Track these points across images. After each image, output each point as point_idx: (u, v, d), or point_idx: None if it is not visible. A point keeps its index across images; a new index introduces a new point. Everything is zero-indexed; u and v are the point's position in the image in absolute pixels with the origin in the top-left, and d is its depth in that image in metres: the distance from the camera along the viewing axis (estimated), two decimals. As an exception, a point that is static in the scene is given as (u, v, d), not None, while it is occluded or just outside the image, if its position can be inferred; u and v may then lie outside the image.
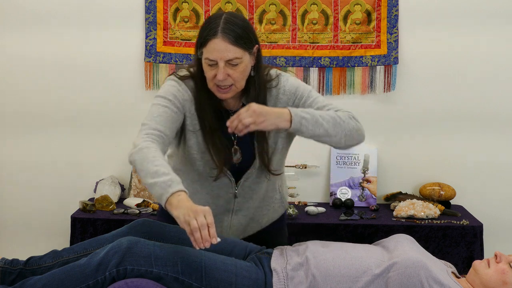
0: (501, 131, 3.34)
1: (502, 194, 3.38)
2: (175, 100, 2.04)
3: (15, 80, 3.37)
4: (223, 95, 2.02)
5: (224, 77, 1.96)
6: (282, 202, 2.29)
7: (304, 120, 1.92)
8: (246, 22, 2.01)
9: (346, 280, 1.89)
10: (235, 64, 1.96)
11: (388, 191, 3.38)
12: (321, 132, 1.95)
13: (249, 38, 1.98)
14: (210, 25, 1.96)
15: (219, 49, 1.93)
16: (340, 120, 1.98)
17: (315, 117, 1.94)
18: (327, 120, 1.95)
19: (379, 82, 3.31)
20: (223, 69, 1.95)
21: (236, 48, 1.94)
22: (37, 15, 3.30)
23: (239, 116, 1.87)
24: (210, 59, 1.95)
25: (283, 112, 1.91)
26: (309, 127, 1.93)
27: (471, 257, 2.94)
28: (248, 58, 1.99)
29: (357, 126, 2.02)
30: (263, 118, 1.87)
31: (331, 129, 1.95)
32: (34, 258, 2.09)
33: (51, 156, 3.40)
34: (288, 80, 2.12)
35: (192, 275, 1.88)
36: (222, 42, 1.93)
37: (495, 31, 3.26)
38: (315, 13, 3.27)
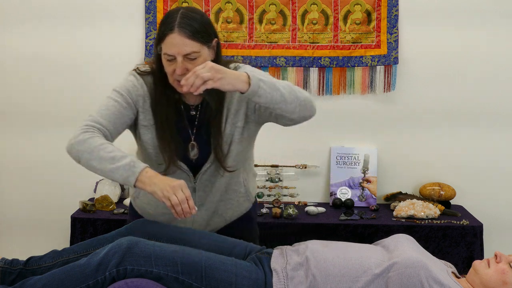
0: (502, 131, 3.34)
1: (502, 194, 3.38)
2: (127, 95, 2.07)
3: (16, 79, 3.37)
4: (183, 89, 2.00)
5: (183, 71, 1.96)
6: (247, 195, 2.28)
7: (262, 82, 1.88)
8: (203, 16, 2.03)
9: (346, 280, 1.89)
10: (193, 58, 1.96)
11: (388, 191, 3.38)
12: (278, 96, 1.90)
13: (207, 32, 1.99)
14: (167, 20, 1.97)
15: (177, 44, 1.94)
16: (296, 88, 1.96)
17: (272, 81, 1.91)
18: (283, 86, 1.93)
19: (379, 82, 3.31)
20: (182, 63, 1.96)
21: (193, 42, 1.95)
22: (37, 14, 3.30)
23: (196, 72, 1.83)
24: (168, 54, 1.97)
25: (241, 74, 1.88)
26: (267, 89, 1.88)
27: (471, 257, 2.94)
28: (206, 52, 2.00)
29: (310, 98, 2.00)
30: (221, 75, 1.83)
31: (287, 94, 1.92)
32: (34, 258, 2.10)
33: (51, 156, 3.40)
34: (245, 69, 2.08)
35: (192, 275, 1.88)
36: (179, 36, 1.94)
37: (495, 31, 3.26)
38: (315, 13, 3.27)
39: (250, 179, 2.31)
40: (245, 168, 2.26)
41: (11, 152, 3.43)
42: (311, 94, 3.31)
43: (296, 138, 3.38)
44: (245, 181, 2.27)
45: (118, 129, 2.05)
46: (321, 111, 3.31)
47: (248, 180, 2.29)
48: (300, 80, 3.32)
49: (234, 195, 2.24)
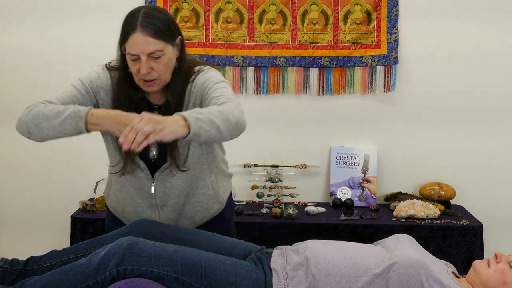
0: (502, 131, 3.34)
1: (502, 194, 3.38)
2: (88, 84, 2.08)
3: (16, 77, 3.37)
4: (149, 88, 2.03)
5: (148, 70, 1.96)
6: (217, 197, 2.25)
7: (200, 122, 1.79)
8: (166, 14, 2.02)
9: (346, 280, 1.89)
10: (157, 57, 1.96)
11: (388, 191, 3.38)
12: (214, 131, 1.81)
13: (170, 30, 1.99)
14: (129, 20, 1.97)
15: (140, 43, 1.94)
16: (227, 113, 1.86)
17: (207, 116, 1.81)
18: (217, 117, 1.83)
19: (379, 82, 3.31)
20: (146, 62, 1.96)
21: (157, 41, 1.95)
22: (36, 13, 3.30)
23: (135, 127, 1.70)
24: (132, 54, 1.97)
25: (176, 118, 1.78)
26: (206, 128, 1.79)
27: (471, 257, 2.94)
28: (171, 50, 2.00)
29: (240, 116, 1.90)
30: (161, 125, 1.72)
31: (222, 125, 1.83)
32: (34, 258, 2.10)
33: (51, 156, 3.40)
34: (205, 74, 2.09)
35: (192, 275, 1.88)
36: (142, 35, 1.93)
37: (495, 30, 3.26)
38: (315, 13, 3.27)
39: (220, 181, 2.27)
40: (211, 170, 2.22)
41: (11, 152, 3.43)
42: (311, 95, 3.32)
43: (296, 138, 3.38)
44: (214, 183, 2.23)
45: None
46: (321, 111, 3.36)
47: (217, 182, 2.25)
48: (300, 80, 3.32)
49: (202, 197, 2.22)
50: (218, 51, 3.29)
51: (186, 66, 2.10)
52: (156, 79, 2.00)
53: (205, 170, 2.19)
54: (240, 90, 3.33)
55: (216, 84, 2.05)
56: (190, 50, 3.27)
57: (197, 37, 3.28)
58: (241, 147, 3.39)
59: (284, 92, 3.34)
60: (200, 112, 1.83)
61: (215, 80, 2.07)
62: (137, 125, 1.70)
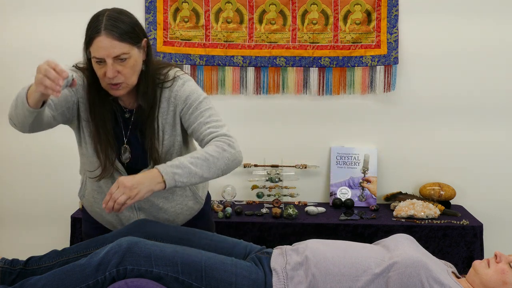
0: (502, 132, 3.34)
1: (502, 194, 3.38)
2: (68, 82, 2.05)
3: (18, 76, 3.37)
4: (116, 92, 2.01)
5: (114, 74, 1.95)
6: (195, 197, 2.26)
7: (177, 175, 1.89)
8: (130, 16, 2.01)
9: (346, 279, 1.89)
10: (123, 59, 1.95)
11: (388, 191, 3.38)
12: (197, 180, 1.93)
13: (135, 33, 1.97)
14: (93, 24, 1.95)
15: (105, 46, 1.92)
16: (214, 159, 1.95)
17: (186, 168, 1.90)
18: (200, 165, 1.92)
19: (379, 82, 3.31)
20: (112, 66, 1.94)
21: (122, 44, 1.93)
22: (37, 13, 3.30)
23: (112, 196, 1.85)
24: (97, 58, 1.95)
25: (154, 174, 1.88)
26: (184, 180, 1.91)
27: (471, 257, 2.94)
28: (136, 53, 1.98)
29: (233, 155, 1.99)
30: (136, 191, 1.85)
31: (207, 173, 1.94)
32: (34, 258, 2.10)
33: (51, 156, 3.40)
34: (184, 85, 2.08)
35: (192, 275, 1.88)
36: (106, 39, 1.92)
37: (495, 30, 3.26)
38: (315, 13, 3.27)
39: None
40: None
41: (11, 152, 3.43)
42: (311, 95, 3.32)
43: (296, 138, 3.38)
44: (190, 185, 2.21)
45: (62, 108, 2.03)
46: (321, 111, 3.36)
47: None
48: (300, 80, 3.32)
49: (181, 199, 2.23)
50: (218, 51, 3.29)
51: (153, 68, 2.08)
52: (122, 82, 1.98)
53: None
54: (240, 90, 3.33)
55: (200, 104, 2.06)
56: (190, 50, 3.28)
57: (197, 37, 3.28)
58: (241, 147, 3.39)
59: (284, 92, 3.34)
60: (180, 166, 1.90)
61: (198, 98, 2.07)
62: (114, 195, 1.84)
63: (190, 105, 2.06)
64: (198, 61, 3.29)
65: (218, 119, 2.06)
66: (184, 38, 3.29)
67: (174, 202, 2.21)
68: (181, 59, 3.29)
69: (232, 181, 3.35)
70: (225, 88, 3.33)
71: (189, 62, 3.30)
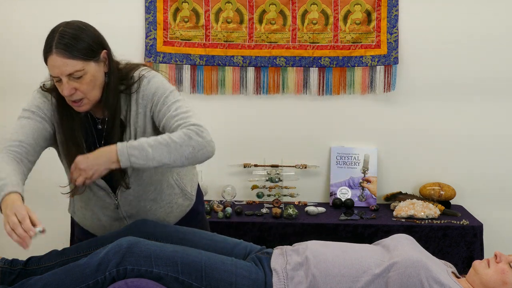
0: (502, 131, 3.34)
1: (502, 194, 3.38)
2: (38, 111, 2.02)
3: (23, 72, 3.37)
4: (79, 109, 1.98)
5: (71, 91, 1.91)
6: (184, 194, 2.23)
7: (133, 157, 1.86)
8: (83, 31, 1.93)
9: (346, 280, 1.89)
10: (78, 77, 1.90)
11: (388, 191, 3.38)
12: (155, 164, 1.88)
13: (89, 48, 1.91)
14: (47, 41, 1.91)
15: (57, 65, 1.88)
16: (176, 145, 1.88)
17: (144, 151, 1.87)
18: (160, 150, 1.87)
19: (379, 82, 3.31)
20: (67, 84, 1.90)
21: (74, 61, 1.88)
22: (35, 13, 3.30)
23: (72, 178, 1.89)
24: (53, 76, 1.92)
25: (110, 153, 1.87)
26: (140, 162, 1.87)
27: (471, 257, 2.94)
28: (94, 68, 1.93)
29: (200, 144, 1.91)
30: (91, 172, 1.86)
31: (167, 158, 1.88)
32: (34, 258, 2.10)
33: (51, 156, 3.39)
34: (149, 82, 2.02)
35: (192, 275, 1.88)
36: (57, 57, 1.87)
37: (495, 30, 3.26)
38: (315, 13, 3.27)
39: (184, 177, 2.23)
40: (171, 170, 2.17)
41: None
42: (311, 95, 3.32)
43: (296, 138, 3.38)
44: (177, 182, 2.20)
45: (39, 143, 2.00)
46: (321, 111, 3.36)
47: (181, 179, 2.22)
48: (300, 80, 3.32)
49: (169, 198, 2.20)
50: (218, 51, 3.29)
51: (120, 76, 2.03)
52: (83, 98, 1.94)
53: (165, 172, 2.16)
54: (240, 90, 3.33)
55: (166, 98, 2.00)
56: (190, 50, 3.28)
57: (197, 37, 3.28)
58: (241, 147, 3.40)
59: (284, 92, 3.34)
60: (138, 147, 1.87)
61: (164, 93, 2.00)
62: (73, 176, 1.90)
63: (157, 102, 2.00)
64: (198, 61, 3.29)
65: (186, 111, 1.97)
66: (184, 38, 3.29)
67: (163, 202, 2.19)
68: (181, 59, 3.29)
69: (232, 181, 3.35)
70: (225, 88, 3.33)
71: (189, 62, 3.30)
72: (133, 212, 2.17)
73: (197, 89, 3.33)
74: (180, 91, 3.33)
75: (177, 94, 2.03)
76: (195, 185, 2.31)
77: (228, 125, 3.37)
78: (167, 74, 3.30)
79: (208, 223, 2.46)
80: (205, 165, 3.23)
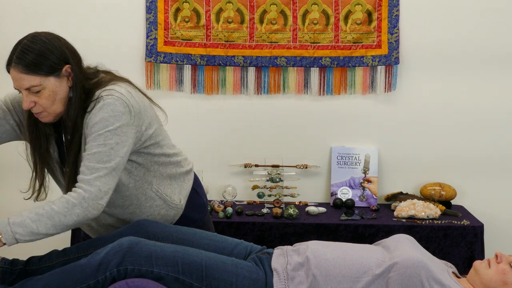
0: (502, 132, 3.34)
1: (502, 194, 3.37)
2: (11, 101, 2.08)
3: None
4: (42, 119, 1.98)
5: (29, 105, 1.92)
6: (167, 204, 2.16)
7: (18, 234, 1.84)
8: (44, 45, 1.91)
9: (346, 280, 1.89)
10: (36, 91, 1.90)
11: (388, 191, 3.38)
12: (42, 237, 1.87)
13: (46, 64, 1.89)
14: (11, 52, 1.91)
15: (15, 79, 1.90)
16: (60, 216, 1.86)
17: (28, 227, 1.84)
18: (44, 224, 1.85)
19: (380, 82, 3.30)
20: (26, 97, 1.91)
21: (30, 76, 1.88)
22: (35, 13, 3.29)
23: None
24: (15, 88, 1.93)
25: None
26: (27, 238, 1.85)
27: (471, 257, 2.93)
28: (53, 83, 1.91)
29: (84, 212, 1.87)
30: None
31: (52, 230, 1.86)
32: (34, 258, 2.10)
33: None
34: (101, 109, 1.92)
35: (193, 275, 1.88)
36: (15, 71, 1.89)
37: (496, 29, 3.26)
38: (316, 13, 3.27)
39: (166, 187, 2.17)
40: (150, 181, 2.13)
41: (11, 149, 3.42)
42: (312, 95, 3.33)
43: (297, 138, 3.38)
44: (158, 192, 2.14)
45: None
46: (322, 111, 3.36)
47: (162, 190, 2.15)
48: (301, 80, 3.32)
49: (151, 210, 2.15)
50: (219, 51, 3.29)
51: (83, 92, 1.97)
52: (42, 111, 1.94)
53: (140, 186, 2.10)
54: (241, 90, 3.33)
55: (98, 136, 1.91)
56: (191, 50, 3.28)
57: (197, 37, 3.28)
58: (242, 147, 3.40)
59: (284, 92, 3.34)
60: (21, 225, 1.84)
61: (101, 128, 1.91)
62: None
63: (91, 134, 1.92)
64: (199, 61, 3.29)
65: (104, 160, 1.90)
66: (185, 38, 3.29)
67: (144, 215, 2.14)
68: (181, 59, 3.29)
69: (232, 181, 3.35)
70: (226, 88, 3.33)
71: (189, 62, 3.30)
72: (111, 222, 2.15)
73: (198, 89, 3.33)
74: (181, 91, 3.33)
75: (112, 136, 1.92)
76: (185, 193, 2.22)
77: (228, 125, 3.37)
78: (168, 74, 3.31)
79: (213, 228, 2.41)
80: (205, 165, 3.26)
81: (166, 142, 2.17)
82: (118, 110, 1.92)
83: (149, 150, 2.08)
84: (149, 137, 2.06)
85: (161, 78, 3.32)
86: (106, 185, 1.90)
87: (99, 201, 1.89)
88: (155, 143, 2.09)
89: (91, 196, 1.88)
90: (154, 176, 2.13)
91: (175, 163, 2.20)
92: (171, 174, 2.18)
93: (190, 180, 2.27)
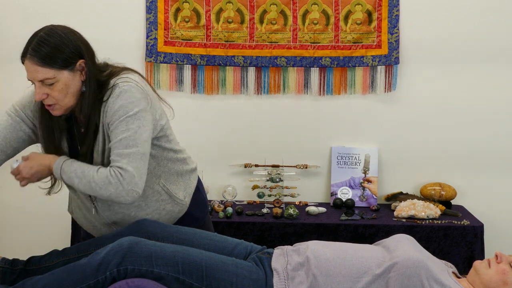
0: (503, 132, 3.34)
1: (502, 194, 3.37)
2: (22, 110, 2.08)
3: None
4: (53, 112, 2.00)
5: (41, 96, 1.94)
6: (173, 200, 2.17)
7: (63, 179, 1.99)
8: (60, 39, 1.93)
9: (346, 280, 1.89)
10: (49, 84, 1.92)
11: (388, 191, 3.38)
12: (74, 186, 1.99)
13: (61, 57, 1.91)
14: (26, 43, 1.93)
15: (30, 70, 1.92)
16: (97, 186, 1.93)
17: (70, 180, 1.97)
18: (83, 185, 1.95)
19: (380, 82, 3.31)
20: (39, 88, 1.93)
21: (44, 69, 1.90)
22: (35, 13, 3.29)
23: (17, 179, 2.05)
24: (28, 79, 1.95)
25: (47, 167, 2.01)
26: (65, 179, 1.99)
27: (471, 257, 2.94)
28: (66, 76, 1.93)
29: (118, 193, 1.93)
30: (35, 178, 2.04)
31: (90, 192, 1.97)
32: (34, 258, 2.10)
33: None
34: (118, 96, 1.95)
35: (193, 275, 1.88)
36: (30, 63, 1.91)
37: (496, 29, 3.26)
38: (316, 13, 3.27)
39: (174, 182, 2.18)
40: (158, 175, 2.14)
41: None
42: (312, 95, 3.33)
43: (297, 138, 3.38)
44: (165, 188, 2.15)
45: (11, 144, 2.08)
46: (322, 111, 3.36)
47: (168, 185, 2.17)
48: (301, 80, 3.32)
49: (157, 204, 2.16)
50: (219, 51, 3.29)
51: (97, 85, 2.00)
52: (54, 104, 1.96)
53: (148, 179, 2.10)
54: (241, 90, 3.33)
55: (120, 123, 1.95)
56: (191, 50, 3.28)
57: (198, 37, 3.29)
58: (242, 147, 3.40)
59: (285, 92, 3.34)
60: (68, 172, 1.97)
61: (123, 114, 1.94)
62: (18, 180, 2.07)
63: (113, 122, 1.96)
64: (199, 61, 3.30)
65: (131, 144, 1.94)
66: (185, 38, 3.29)
67: (149, 209, 2.15)
68: (181, 59, 3.29)
69: (233, 181, 3.35)
70: (226, 88, 3.33)
71: (189, 62, 3.30)
72: (117, 219, 2.15)
73: (198, 89, 3.33)
74: (181, 91, 3.33)
75: (134, 120, 1.95)
76: (189, 191, 2.24)
77: (228, 125, 3.37)
78: (168, 74, 3.31)
79: (212, 228, 2.41)
80: (205, 165, 3.25)
81: (174, 138, 2.21)
82: (135, 96, 1.96)
83: (160, 142, 2.12)
84: (162, 128, 2.10)
85: (161, 78, 3.32)
86: (138, 170, 1.94)
87: (134, 188, 1.93)
88: (165, 136, 2.13)
89: (125, 181, 1.92)
90: (163, 171, 2.16)
91: (182, 160, 2.23)
92: (178, 170, 2.20)
93: (195, 179, 2.29)
